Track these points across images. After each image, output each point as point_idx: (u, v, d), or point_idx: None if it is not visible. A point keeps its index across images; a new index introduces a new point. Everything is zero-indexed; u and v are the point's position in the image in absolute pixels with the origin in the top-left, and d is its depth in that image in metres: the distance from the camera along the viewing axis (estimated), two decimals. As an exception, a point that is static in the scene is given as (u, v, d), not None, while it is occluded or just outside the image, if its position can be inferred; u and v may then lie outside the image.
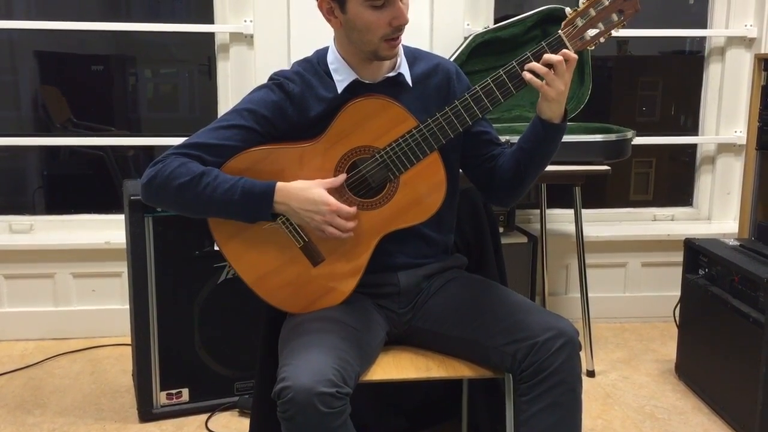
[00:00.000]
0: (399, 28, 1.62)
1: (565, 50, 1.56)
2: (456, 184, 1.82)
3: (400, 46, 1.70)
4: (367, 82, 1.71)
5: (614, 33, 1.58)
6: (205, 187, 1.61)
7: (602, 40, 1.58)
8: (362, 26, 1.61)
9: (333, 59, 1.72)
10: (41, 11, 3.37)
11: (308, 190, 1.62)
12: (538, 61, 1.57)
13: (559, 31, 1.57)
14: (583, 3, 1.57)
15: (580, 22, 1.57)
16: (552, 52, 1.56)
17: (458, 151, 1.79)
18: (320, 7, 1.67)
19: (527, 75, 1.57)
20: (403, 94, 1.71)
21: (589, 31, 1.57)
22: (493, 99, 1.61)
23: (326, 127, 1.67)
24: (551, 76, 1.56)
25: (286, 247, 1.70)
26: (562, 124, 1.65)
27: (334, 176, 1.67)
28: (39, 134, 3.54)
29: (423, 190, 1.68)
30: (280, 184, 1.62)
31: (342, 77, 1.70)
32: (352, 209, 1.64)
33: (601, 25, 1.57)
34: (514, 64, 1.59)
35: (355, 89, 1.69)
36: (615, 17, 1.57)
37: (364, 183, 1.68)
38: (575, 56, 1.57)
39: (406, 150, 1.64)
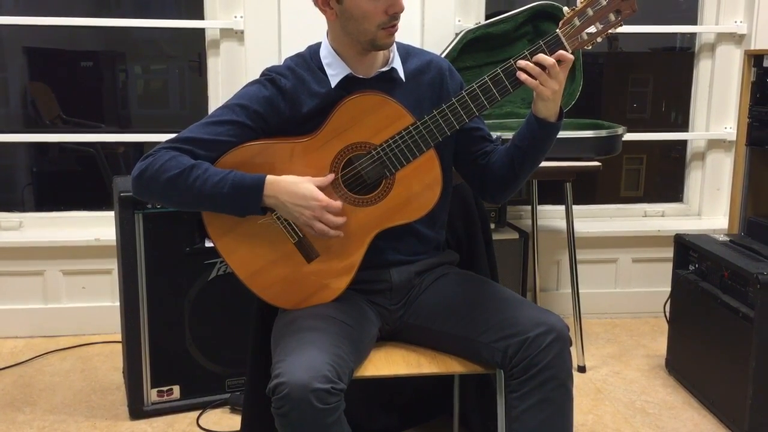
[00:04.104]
0: (395, 16, 1.62)
1: (561, 51, 1.56)
2: (449, 181, 1.82)
3: (394, 39, 1.69)
4: (360, 76, 1.70)
5: (611, 31, 1.58)
6: (195, 180, 1.60)
7: (599, 39, 1.58)
8: (359, 15, 1.61)
9: (326, 54, 1.71)
10: (30, 6, 3.34)
11: (299, 184, 1.62)
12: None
13: (557, 30, 1.57)
14: (581, 2, 1.56)
15: (577, 22, 1.56)
16: (550, 51, 1.56)
17: (451, 147, 1.79)
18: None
19: (522, 75, 1.57)
20: (396, 90, 1.71)
21: (586, 30, 1.57)
22: (491, 96, 1.61)
23: (322, 123, 1.66)
24: (544, 77, 1.56)
25: (280, 243, 1.70)
26: (557, 123, 1.66)
27: (330, 172, 1.67)
28: (28, 131, 3.52)
29: (418, 188, 1.68)
30: (270, 177, 1.62)
31: (335, 72, 1.69)
32: (339, 204, 1.63)
33: (598, 24, 1.56)
34: (512, 62, 1.59)
35: (349, 84, 1.69)
36: (612, 17, 1.56)
37: (359, 179, 1.68)
38: (571, 57, 1.56)
39: (402, 147, 1.64)
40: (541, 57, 1.56)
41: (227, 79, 3.03)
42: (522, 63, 1.57)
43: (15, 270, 2.99)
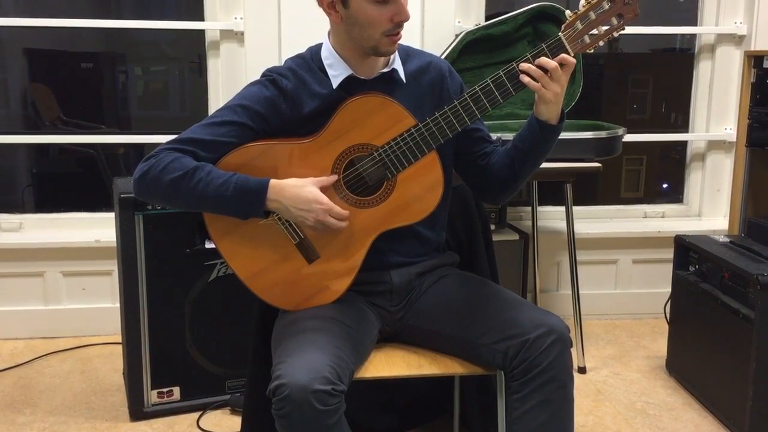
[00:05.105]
0: (400, 24, 1.62)
1: (563, 55, 1.56)
2: (450, 183, 1.82)
3: (397, 46, 1.69)
4: (361, 77, 1.70)
5: (615, 35, 1.58)
6: (198, 182, 1.60)
7: (601, 43, 1.58)
8: (364, 21, 1.61)
9: (327, 54, 1.71)
10: (30, 8, 3.35)
11: (302, 188, 1.62)
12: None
13: (560, 33, 1.57)
14: (584, 6, 1.56)
15: (579, 25, 1.56)
16: (552, 54, 1.56)
17: (452, 149, 1.79)
18: (320, 1, 1.66)
19: (525, 78, 1.57)
20: (396, 91, 1.71)
21: (588, 34, 1.57)
22: (492, 99, 1.61)
23: (323, 124, 1.66)
24: (546, 80, 1.57)
25: (281, 243, 1.70)
26: (558, 125, 1.66)
27: (332, 173, 1.67)
28: (28, 132, 3.52)
29: (420, 190, 1.68)
30: (273, 182, 1.62)
31: (337, 72, 1.69)
32: (345, 212, 1.64)
33: (600, 28, 1.57)
34: (514, 65, 1.59)
35: (350, 85, 1.69)
36: (614, 21, 1.57)
37: (361, 181, 1.68)
38: (574, 60, 1.57)
39: (404, 149, 1.64)
40: (544, 60, 1.56)
41: (227, 80, 3.03)
42: (524, 66, 1.57)
43: (15, 271, 2.99)
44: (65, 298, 3.04)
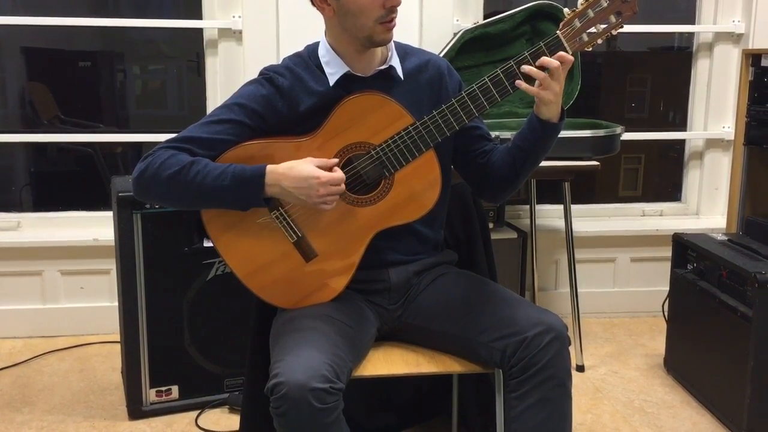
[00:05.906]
0: (392, 9, 1.62)
1: (562, 53, 1.56)
2: (448, 181, 1.82)
3: (393, 35, 1.69)
4: (358, 75, 1.70)
5: (614, 32, 1.58)
6: (195, 176, 1.60)
7: (600, 41, 1.58)
8: (356, 10, 1.61)
9: (324, 52, 1.71)
10: (27, 6, 3.34)
11: (296, 167, 1.60)
12: (535, 61, 1.57)
13: (558, 32, 1.57)
14: (582, 4, 1.56)
15: (578, 23, 1.56)
16: (550, 53, 1.56)
17: (450, 147, 1.79)
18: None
19: (522, 84, 1.57)
20: (394, 88, 1.71)
21: (586, 32, 1.57)
22: (490, 97, 1.61)
23: (321, 122, 1.66)
24: (547, 81, 1.57)
25: (279, 242, 1.70)
26: (559, 124, 1.66)
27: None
28: (26, 131, 3.52)
29: (418, 188, 1.69)
30: (270, 167, 1.61)
31: (334, 70, 1.69)
32: (341, 175, 1.61)
33: (599, 26, 1.56)
34: (512, 63, 1.59)
35: (347, 82, 1.69)
36: (613, 19, 1.57)
37: (358, 179, 1.68)
38: (572, 58, 1.57)
39: (402, 147, 1.64)
40: (546, 60, 1.56)
41: (225, 79, 3.03)
42: (526, 69, 1.56)
43: (13, 270, 2.99)
44: (63, 297, 3.04)
